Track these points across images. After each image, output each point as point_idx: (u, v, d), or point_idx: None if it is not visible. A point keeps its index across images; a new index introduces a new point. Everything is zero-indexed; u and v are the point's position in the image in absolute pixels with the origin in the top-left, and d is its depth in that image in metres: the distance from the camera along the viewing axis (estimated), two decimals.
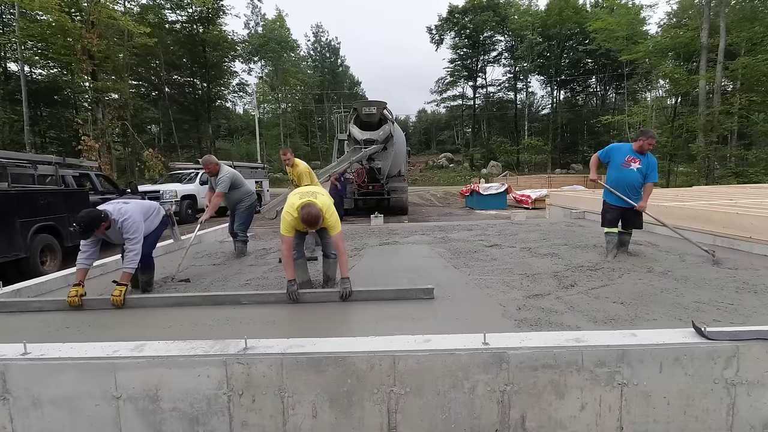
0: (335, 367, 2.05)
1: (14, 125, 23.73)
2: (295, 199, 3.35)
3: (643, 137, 4.46)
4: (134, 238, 3.43)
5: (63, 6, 18.59)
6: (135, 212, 3.52)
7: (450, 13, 43.68)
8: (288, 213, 3.31)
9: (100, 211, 3.35)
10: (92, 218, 3.24)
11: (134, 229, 3.45)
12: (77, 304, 3.35)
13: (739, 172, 20.60)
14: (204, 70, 36.41)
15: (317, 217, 3.15)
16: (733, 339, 2.06)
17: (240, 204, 5.51)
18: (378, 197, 13.67)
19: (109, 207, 3.47)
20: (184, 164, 18.57)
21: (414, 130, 59.85)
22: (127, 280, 3.45)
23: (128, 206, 3.54)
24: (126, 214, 3.44)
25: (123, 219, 3.41)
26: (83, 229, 3.24)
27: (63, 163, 8.01)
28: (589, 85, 46.75)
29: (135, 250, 3.43)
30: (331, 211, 3.39)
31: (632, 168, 4.48)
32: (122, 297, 3.36)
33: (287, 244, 3.38)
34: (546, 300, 3.29)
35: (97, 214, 3.30)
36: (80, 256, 3.44)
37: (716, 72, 21.17)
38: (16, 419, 2.12)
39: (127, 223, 3.42)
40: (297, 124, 47.32)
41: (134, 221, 3.46)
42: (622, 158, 4.54)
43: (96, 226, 3.27)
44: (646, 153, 4.52)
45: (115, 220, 3.40)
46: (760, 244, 4.82)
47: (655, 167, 4.55)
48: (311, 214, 3.13)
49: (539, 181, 28.27)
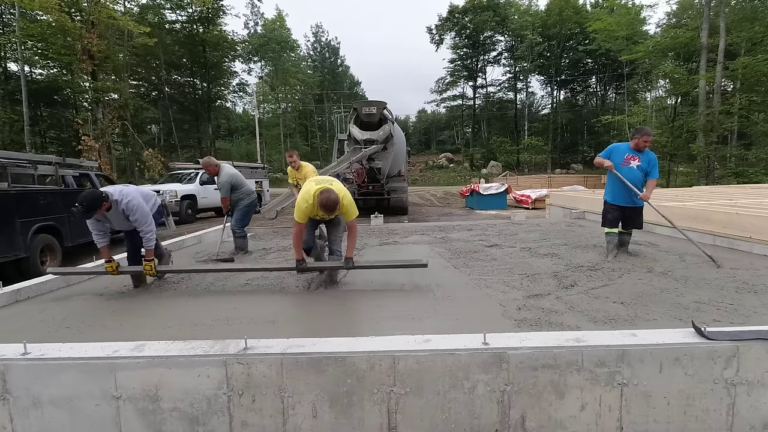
0: (335, 367, 2.05)
1: (14, 125, 23.73)
2: (312, 185, 3.47)
3: (638, 135, 4.52)
4: (143, 220, 3.60)
5: (63, 6, 18.59)
6: (137, 194, 3.66)
7: (450, 13, 43.69)
8: (303, 200, 3.42)
9: (101, 191, 3.46)
10: (93, 198, 3.35)
11: (140, 211, 3.58)
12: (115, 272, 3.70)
13: (739, 172, 20.59)
14: (204, 70, 36.44)
15: (336, 201, 3.26)
16: (733, 339, 2.06)
17: (240, 202, 5.64)
18: (378, 197, 13.66)
19: (109, 188, 3.60)
20: (184, 164, 18.55)
21: (414, 130, 59.87)
22: (151, 255, 3.71)
23: (129, 189, 3.70)
24: (128, 196, 3.55)
25: (126, 200, 3.52)
26: (85, 208, 3.32)
27: (63, 163, 8.00)
28: (589, 85, 46.77)
29: (149, 231, 3.64)
30: (348, 197, 3.51)
31: (632, 166, 4.53)
32: (153, 269, 3.68)
33: (298, 229, 3.53)
34: (546, 300, 3.29)
35: (98, 193, 3.41)
36: (96, 238, 3.65)
37: (716, 72, 21.17)
38: (16, 419, 2.12)
39: (131, 204, 3.53)
40: (297, 124, 47.33)
41: (138, 203, 3.58)
42: (621, 157, 4.58)
43: (98, 206, 3.36)
44: (644, 150, 4.55)
45: (117, 201, 3.50)
46: (760, 244, 4.82)
47: (655, 164, 4.58)
48: (330, 198, 3.24)
49: (539, 181, 28.29)
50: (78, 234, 7.14)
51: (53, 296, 3.85)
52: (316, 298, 3.69)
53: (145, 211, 3.64)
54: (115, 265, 3.71)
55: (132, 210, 3.53)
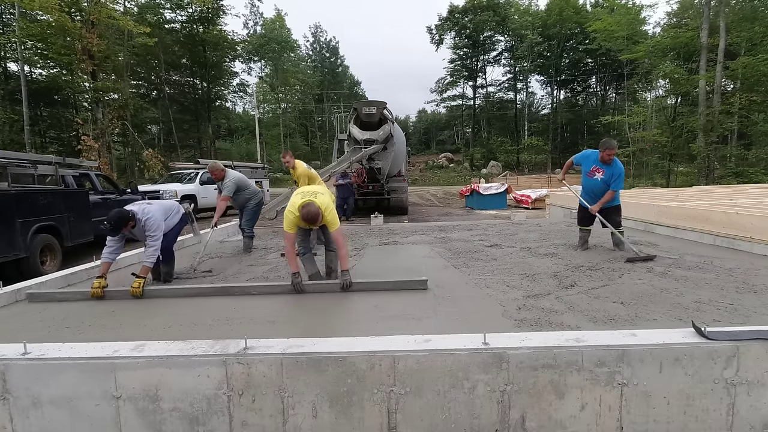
0: (335, 367, 2.05)
1: (14, 125, 23.71)
2: (297, 198, 3.64)
3: (601, 149, 4.77)
4: (154, 235, 3.78)
5: (63, 6, 18.57)
6: (157, 212, 3.90)
7: (450, 13, 43.66)
8: (290, 212, 3.60)
9: (128, 211, 3.74)
10: (121, 217, 3.64)
11: (155, 227, 3.80)
12: (100, 296, 3.66)
13: (739, 172, 20.58)
14: (204, 70, 36.42)
15: (317, 214, 3.44)
16: (733, 339, 2.06)
17: (248, 203, 5.91)
18: (378, 197, 13.65)
19: (134, 207, 3.85)
20: (184, 164, 18.54)
21: (414, 130, 59.85)
22: (145, 273, 3.76)
23: (151, 207, 3.93)
24: (148, 214, 3.81)
25: (146, 218, 3.78)
26: (113, 227, 3.62)
27: (63, 163, 7.99)
28: (589, 85, 46.75)
29: (154, 246, 3.77)
30: (330, 209, 3.67)
31: (596, 178, 4.86)
32: (141, 288, 3.67)
33: (289, 240, 3.69)
34: (546, 300, 3.29)
35: (125, 213, 3.70)
36: (105, 250, 3.77)
37: (716, 72, 21.16)
38: (16, 419, 2.12)
39: (150, 222, 3.78)
40: (297, 124, 47.29)
41: (155, 220, 3.82)
42: (588, 168, 4.91)
43: (124, 224, 3.66)
44: (610, 162, 4.77)
45: (140, 219, 3.77)
46: (760, 244, 4.82)
47: (618, 177, 4.77)
48: (311, 212, 3.43)
49: (539, 181, 28.24)
50: (78, 234, 7.14)
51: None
52: (316, 298, 3.69)
53: (160, 231, 3.84)
54: (104, 284, 3.70)
55: (149, 227, 3.79)
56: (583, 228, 5.23)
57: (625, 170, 5.01)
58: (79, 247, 7.38)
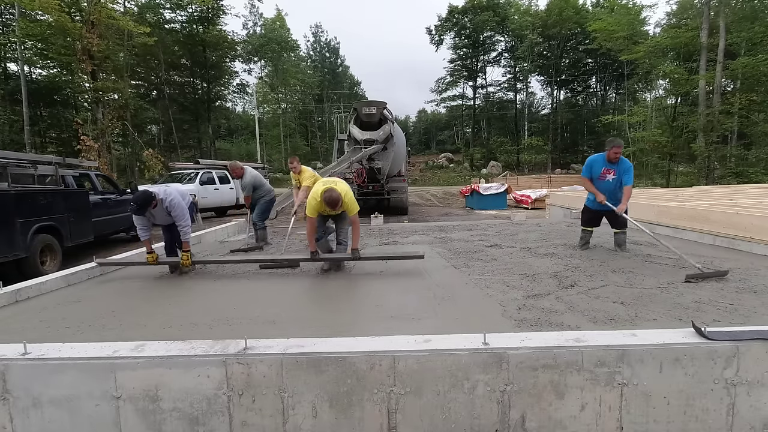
0: (335, 367, 2.05)
1: (14, 125, 23.72)
2: (320, 186, 4.12)
3: (608, 147, 4.78)
4: (182, 216, 4.25)
5: (63, 6, 18.57)
6: (176, 194, 4.33)
7: (450, 13, 43.59)
8: (313, 198, 4.08)
9: (150, 192, 4.14)
10: (145, 197, 4.07)
11: (180, 208, 4.23)
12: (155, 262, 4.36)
13: (739, 172, 20.58)
14: (204, 70, 36.39)
15: (337, 198, 3.91)
16: (733, 339, 2.06)
17: (261, 199, 6.38)
18: (378, 197, 13.65)
19: (154, 188, 4.28)
20: (184, 164, 18.51)
21: (414, 130, 59.80)
22: (188, 247, 4.36)
23: (170, 189, 4.36)
24: (170, 195, 4.23)
25: (169, 199, 4.19)
26: (140, 206, 4.05)
27: (63, 163, 7.98)
28: (589, 85, 46.68)
29: (186, 225, 4.29)
30: (350, 195, 4.17)
31: (608, 179, 4.85)
32: (189, 259, 4.34)
33: (311, 224, 4.24)
34: (546, 300, 3.29)
35: (149, 193, 4.11)
36: (140, 232, 4.30)
37: (716, 72, 21.16)
38: (16, 419, 2.12)
39: (174, 202, 4.20)
40: (297, 124, 47.26)
41: (178, 201, 4.24)
42: (598, 172, 4.90)
43: (149, 204, 4.09)
44: (617, 161, 4.79)
45: (162, 200, 4.17)
46: (760, 244, 4.82)
47: (628, 171, 4.77)
48: (332, 196, 3.89)
49: (539, 181, 28.23)
50: (78, 234, 7.14)
51: (53, 296, 3.85)
52: (316, 298, 3.69)
53: (184, 208, 4.27)
54: (156, 255, 4.35)
55: (174, 207, 4.19)
56: (587, 229, 5.25)
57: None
58: (79, 247, 7.38)
